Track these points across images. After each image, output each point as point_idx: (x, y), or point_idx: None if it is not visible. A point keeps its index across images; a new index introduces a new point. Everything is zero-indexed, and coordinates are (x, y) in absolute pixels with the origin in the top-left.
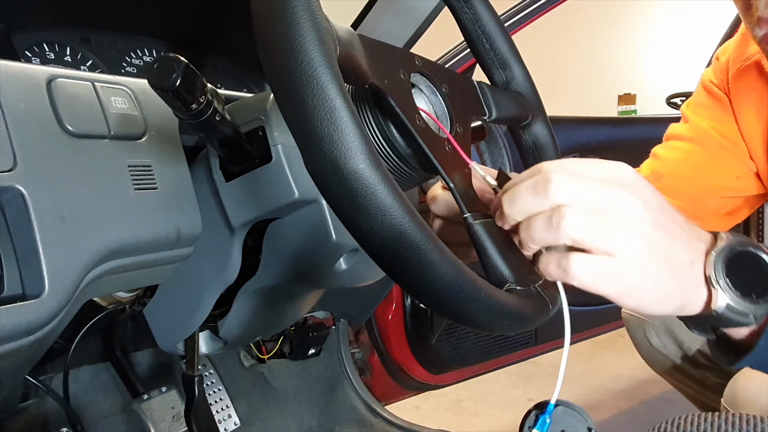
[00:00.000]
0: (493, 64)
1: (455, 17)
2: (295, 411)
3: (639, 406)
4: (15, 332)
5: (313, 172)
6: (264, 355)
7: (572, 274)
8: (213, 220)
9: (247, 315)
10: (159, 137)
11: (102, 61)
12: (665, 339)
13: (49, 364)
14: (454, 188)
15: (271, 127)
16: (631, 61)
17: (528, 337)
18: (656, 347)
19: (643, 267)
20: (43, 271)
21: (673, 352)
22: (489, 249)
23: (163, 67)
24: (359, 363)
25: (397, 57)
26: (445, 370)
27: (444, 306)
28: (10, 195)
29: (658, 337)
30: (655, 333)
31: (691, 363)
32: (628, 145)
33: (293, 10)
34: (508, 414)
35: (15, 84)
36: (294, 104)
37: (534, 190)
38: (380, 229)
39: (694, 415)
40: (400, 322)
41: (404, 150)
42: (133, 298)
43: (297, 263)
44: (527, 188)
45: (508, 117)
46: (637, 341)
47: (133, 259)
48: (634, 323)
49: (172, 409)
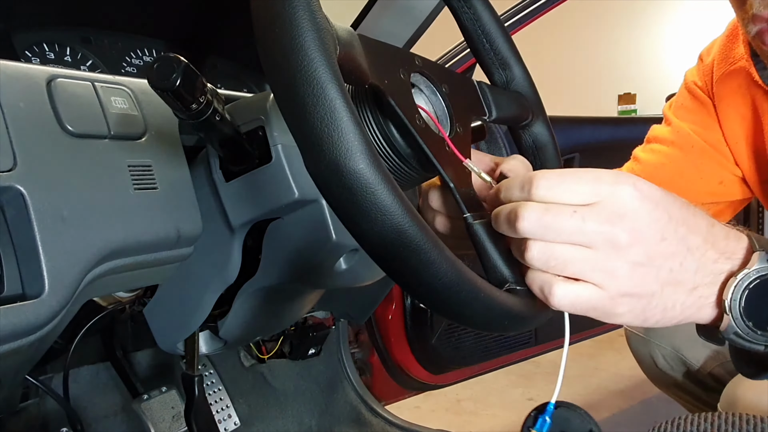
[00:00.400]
0: (493, 64)
1: (455, 17)
2: (295, 411)
3: (639, 406)
4: (15, 332)
5: (313, 172)
6: (264, 355)
7: (552, 302)
8: (213, 220)
9: (247, 315)
10: (159, 137)
11: (102, 61)
12: (672, 360)
13: (49, 364)
14: (454, 188)
15: (271, 127)
16: (631, 61)
17: (528, 337)
18: (662, 368)
19: (624, 299)
20: (43, 271)
21: (679, 373)
22: (489, 249)
23: (163, 67)
24: (359, 363)
25: (397, 57)
26: (445, 370)
27: (444, 306)
28: (10, 195)
29: (665, 359)
30: (661, 354)
31: (697, 384)
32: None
33: (293, 10)
34: (508, 414)
35: (15, 84)
36: (294, 104)
37: (507, 219)
38: (380, 229)
39: (693, 415)
40: (400, 322)
41: (404, 150)
42: (133, 298)
43: (297, 263)
44: (503, 216)
45: (508, 117)
46: (642, 360)
47: (133, 259)
48: (638, 341)
49: (172, 409)
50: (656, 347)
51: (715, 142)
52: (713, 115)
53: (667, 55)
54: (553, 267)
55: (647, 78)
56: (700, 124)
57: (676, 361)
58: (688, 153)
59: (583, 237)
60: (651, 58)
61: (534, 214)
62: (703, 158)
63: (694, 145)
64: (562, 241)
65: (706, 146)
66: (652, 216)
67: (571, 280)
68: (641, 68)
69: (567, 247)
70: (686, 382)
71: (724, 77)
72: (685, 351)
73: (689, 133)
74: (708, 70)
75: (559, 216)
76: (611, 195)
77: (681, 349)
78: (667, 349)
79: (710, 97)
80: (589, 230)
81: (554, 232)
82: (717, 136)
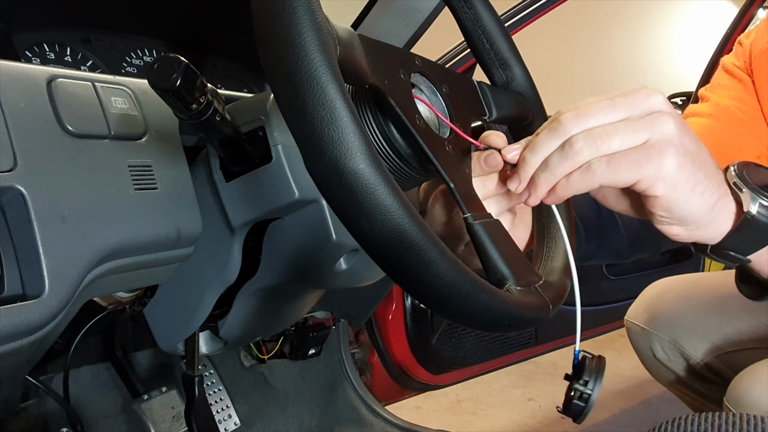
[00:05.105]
0: (493, 64)
1: (455, 17)
2: (295, 411)
3: (639, 406)
4: (15, 332)
5: (313, 172)
6: (264, 355)
7: (593, 171)
8: (213, 220)
9: (247, 315)
10: (159, 137)
11: (102, 61)
12: (670, 352)
13: (49, 364)
14: (454, 188)
15: (271, 127)
16: (631, 61)
17: (528, 337)
18: (661, 360)
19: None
20: (44, 271)
21: (677, 365)
22: (489, 249)
23: (163, 67)
24: (359, 363)
25: (397, 57)
26: (446, 370)
27: (444, 306)
28: (10, 195)
29: (663, 350)
30: (659, 345)
31: (696, 376)
32: None
33: (293, 11)
34: (508, 414)
35: (15, 84)
36: (294, 104)
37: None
38: (380, 229)
39: (694, 415)
40: (400, 322)
41: (404, 150)
42: (133, 298)
43: (297, 263)
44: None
45: (509, 117)
46: (641, 352)
47: (133, 259)
48: (638, 333)
49: (172, 409)
50: (655, 338)
51: (753, 116)
52: (752, 90)
53: (667, 56)
54: (600, 145)
55: (647, 78)
56: (739, 99)
57: (675, 353)
58: (728, 125)
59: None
60: (651, 58)
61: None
62: (742, 130)
63: (733, 117)
64: (604, 125)
65: (745, 119)
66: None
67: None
68: (641, 68)
69: (609, 127)
70: (684, 374)
71: (761, 54)
72: (683, 342)
73: (729, 105)
74: (746, 51)
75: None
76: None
77: (679, 341)
78: (666, 341)
79: (749, 74)
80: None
81: (595, 121)
82: (755, 110)
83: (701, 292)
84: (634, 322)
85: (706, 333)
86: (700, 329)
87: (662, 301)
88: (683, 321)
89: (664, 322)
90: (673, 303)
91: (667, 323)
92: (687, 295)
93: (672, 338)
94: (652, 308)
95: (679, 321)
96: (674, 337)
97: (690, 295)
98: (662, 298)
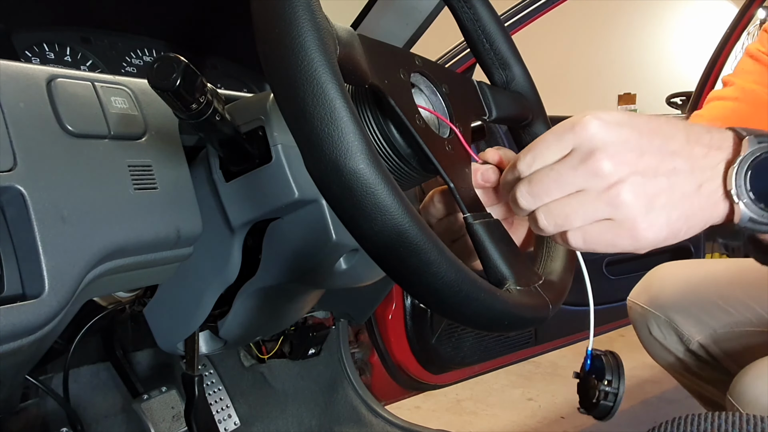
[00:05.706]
0: (493, 64)
1: (455, 17)
2: (295, 411)
3: (639, 406)
4: (15, 332)
5: (313, 172)
6: (264, 355)
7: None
8: (213, 220)
9: (247, 315)
10: (159, 137)
11: (102, 61)
12: (665, 330)
13: (49, 364)
14: (454, 188)
15: (271, 127)
16: (631, 61)
17: (528, 337)
18: (657, 338)
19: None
20: (43, 271)
21: (673, 345)
22: (489, 249)
23: (163, 67)
24: (359, 363)
25: (397, 57)
26: (445, 370)
27: (444, 306)
28: (10, 195)
29: (659, 328)
30: (656, 324)
31: (691, 356)
32: None
33: (293, 10)
34: (508, 414)
35: (15, 84)
36: (294, 104)
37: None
38: (380, 229)
39: (694, 414)
40: (400, 322)
41: (404, 150)
42: (133, 298)
43: (297, 263)
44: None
45: (508, 117)
46: (639, 331)
47: (133, 259)
48: (637, 312)
49: (172, 409)
50: (652, 316)
51: None
52: None
53: (667, 55)
54: (563, 224)
55: (647, 78)
56: (764, 83)
57: (669, 331)
58: (755, 108)
59: (570, 185)
60: (651, 58)
61: (523, 190)
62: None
63: (759, 100)
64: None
65: None
66: (621, 137)
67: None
68: (641, 68)
69: (563, 202)
70: (679, 354)
71: None
72: (678, 322)
73: (755, 89)
74: None
75: (541, 180)
76: (576, 137)
77: (674, 319)
78: (661, 318)
79: None
80: (570, 176)
81: (546, 195)
82: None
83: (701, 276)
84: (634, 302)
85: (701, 315)
86: (695, 310)
87: (662, 283)
88: (680, 302)
89: (662, 302)
90: (673, 285)
91: (664, 303)
92: (686, 278)
93: (667, 316)
94: (653, 289)
95: (676, 302)
96: (670, 317)
97: (690, 278)
98: (663, 279)
